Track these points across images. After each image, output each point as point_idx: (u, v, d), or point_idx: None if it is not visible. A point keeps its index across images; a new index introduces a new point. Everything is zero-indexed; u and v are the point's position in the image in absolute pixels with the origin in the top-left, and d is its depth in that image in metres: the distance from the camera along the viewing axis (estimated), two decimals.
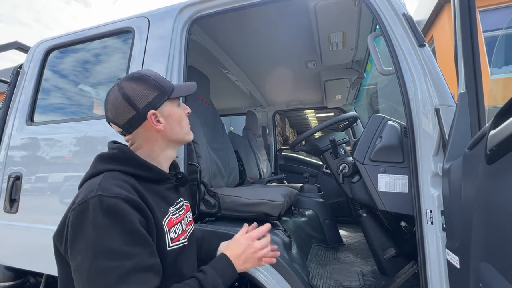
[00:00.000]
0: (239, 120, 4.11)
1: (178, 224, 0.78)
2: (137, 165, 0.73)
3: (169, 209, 0.76)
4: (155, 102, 0.74)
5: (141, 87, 0.74)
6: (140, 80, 0.75)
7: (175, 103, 0.81)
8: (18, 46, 1.80)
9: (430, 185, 0.92)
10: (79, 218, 0.61)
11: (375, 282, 1.28)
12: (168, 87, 0.78)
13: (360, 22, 1.62)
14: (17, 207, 1.41)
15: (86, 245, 0.59)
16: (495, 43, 5.31)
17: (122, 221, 0.60)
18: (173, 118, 0.78)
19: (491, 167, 0.57)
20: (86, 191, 0.64)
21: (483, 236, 0.61)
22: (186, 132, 0.84)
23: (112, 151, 0.74)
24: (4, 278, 1.47)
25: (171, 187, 0.81)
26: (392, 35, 1.03)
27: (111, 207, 0.60)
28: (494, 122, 0.53)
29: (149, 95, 0.74)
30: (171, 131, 0.78)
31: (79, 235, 0.60)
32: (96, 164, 0.73)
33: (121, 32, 1.47)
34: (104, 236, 0.59)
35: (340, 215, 2.41)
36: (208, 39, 1.84)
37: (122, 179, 0.67)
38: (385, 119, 1.21)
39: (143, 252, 0.62)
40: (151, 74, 0.78)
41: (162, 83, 0.78)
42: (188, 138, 0.86)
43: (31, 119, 1.55)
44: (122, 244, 0.59)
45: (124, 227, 0.60)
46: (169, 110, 0.78)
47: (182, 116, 0.82)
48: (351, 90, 2.60)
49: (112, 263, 0.58)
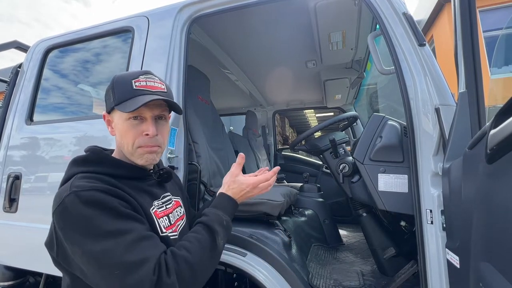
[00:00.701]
0: (239, 120, 4.10)
1: (165, 217, 0.76)
2: (110, 164, 0.72)
3: (153, 202, 0.76)
4: (108, 106, 0.75)
5: (109, 88, 0.75)
6: (112, 81, 0.75)
7: (125, 116, 0.71)
8: (17, 45, 1.79)
9: (430, 184, 0.92)
10: (62, 219, 0.61)
11: (375, 282, 1.28)
12: (120, 95, 0.71)
13: (360, 22, 1.62)
14: (17, 207, 1.41)
15: (80, 239, 0.59)
16: (494, 43, 5.31)
17: (105, 207, 0.60)
18: (117, 129, 0.74)
19: (492, 167, 0.56)
20: (60, 194, 0.63)
21: (484, 236, 0.61)
22: (129, 151, 0.73)
23: (86, 154, 0.74)
24: (3, 277, 1.47)
25: (153, 183, 0.80)
26: (392, 35, 1.03)
27: (89, 199, 0.60)
28: (494, 121, 0.53)
29: (109, 98, 0.75)
30: (117, 141, 0.76)
31: (68, 233, 0.60)
32: (70, 168, 0.72)
33: (120, 32, 1.47)
34: (95, 223, 0.59)
35: (340, 215, 2.41)
36: (208, 39, 1.84)
37: (95, 177, 0.66)
38: (385, 119, 1.21)
39: (138, 226, 0.63)
40: (120, 76, 0.75)
41: (118, 88, 0.72)
42: (131, 159, 0.74)
43: (30, 119, 1.54)
44: (115, 223, 0.60)
45: (110, 211, 0.61)
46: (116, 119, 0.74)
47: (126, 131, 0.72)
48: (351, 89, 2.60)
49: (112, 240, 0.58)
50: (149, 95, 0.71)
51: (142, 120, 0.73)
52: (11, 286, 1.48)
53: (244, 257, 1.08)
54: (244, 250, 1.09)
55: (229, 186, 0.83)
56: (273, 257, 1.08)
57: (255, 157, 2.66)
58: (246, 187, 0.82)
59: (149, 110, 0.72)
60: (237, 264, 1.07)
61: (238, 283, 1.30)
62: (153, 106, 0.73)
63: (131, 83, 0.71)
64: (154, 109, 0.73)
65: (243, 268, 1.07)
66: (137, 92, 0.71)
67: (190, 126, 1.45)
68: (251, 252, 1.10)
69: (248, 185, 0.82)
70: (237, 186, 0.82)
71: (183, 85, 1.28)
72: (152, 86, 0.74)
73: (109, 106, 0.74)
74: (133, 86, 0.71)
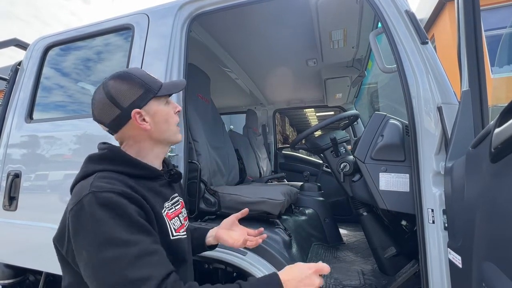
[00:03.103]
0: (239, 119, 4.10)
1: (176, 218, 0.79)
2: (127, 163, 0.72)
3: (165, 204, 0.77)
4: (140, 100, 0.73)
5: (126, 85, 0.73)
6: (124, 78, 0.74)
7: (163, 101, 0.78)
8: (17, 43, 1.78)
9: (432, 184, 0.91)
10: (77, 218, 0.61)
11: (375, 281, 1.27)
12: (154, 85, 0.76)
13: (361, 20, 1.61)
14: (16, 205, 1.41)
15: (89, 241, 0.59)
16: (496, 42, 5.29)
17: (119, 213, 0.60)
18: (159, 116, 0.76)
19: (496, 166, 0.56)
20: (79, 192, 0.63)
21: (487, 235, 0.60)
22: (174, 132, 0.81)
23: (102, 151, 0.74)
24: (3, 276, 1.47)
25: (164, 183, 0.81)
26: (394, 33, 1.02)
27: (106, 201, 0.60)
28: (499, 120, 0.52)
29: (134, 94, 0.73)
30: (158, 130, 0.77)
31: (80, 233, 0.60)
32: (87, 165, 0.72)
33: (120, 29, 1.46)
34: (104, 228, 0.59)
35: (341, 214, 2.40)
36: (208, 37, 1.83)
37: (114, 178, 0.67)
38: (386, 118, 1.20)
39: (146, 239, 0.62)
40: (136, 72, 0.76)
41: (147, 81, 0.75)
42: (175, 139, 0.82)
43: (30, 117, 1.54)
44: (124, 234, 0.59)
45: (122, 218, 0.60)
46: (155, 108, 0.75)
47: (170, 114, 0.79)
48: (352, 88, 2.59)
49: (117, 251, 0.57)
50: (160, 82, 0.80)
51: (169, 103, 0.81)
52: (11, 284, 1.48)
53: (244, 256, 1.08)
54: (244, 249, 1.09)
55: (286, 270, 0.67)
56: (273, 256, 1.08)
57: (256, 156, 2.66)
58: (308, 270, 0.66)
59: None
60: (237, 263, 1.07)
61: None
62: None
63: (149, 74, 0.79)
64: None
65: (243, 267, 1.06)
66: (159, 81, 0.80)
67: (190, 125, 1.45)
68: (251, 251, 1.09)
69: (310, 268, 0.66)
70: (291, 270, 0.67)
71: None
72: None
73: (144, 98, 0.73)
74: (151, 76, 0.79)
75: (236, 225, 0.94)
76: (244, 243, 0.88)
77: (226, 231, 0.92)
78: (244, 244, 0.88)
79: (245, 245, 0.88)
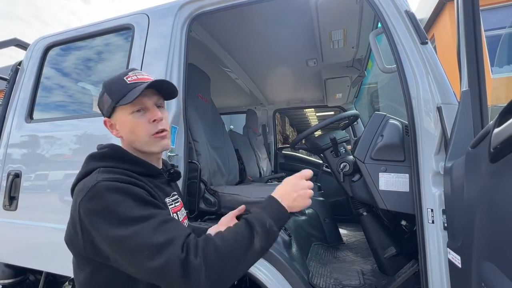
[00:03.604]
0: (239, 119, 4.10)
1: (175, 214, 0.80)
2: (128, 161, 0.75)
3: (166, 200, 0.79)
4: (108, 109, 0.75)
5: (102, 93, 0.77)
6: (103, 86, 0.77)
7: (129, 110, 0.73)
8: (17, 43, 1.79)
9: (432, 184, 0.91)
10: (91, 205, 0.63)
11: (375, 281, 1.27)
12: (117, 94, 0.73)
13: (361, 20, 1.61)
14: (16, 205, 1.41)
15: (110, 224, 0.61)
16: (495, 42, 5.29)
17: (130, 194, 0.63)
18: (124, 126, 0.75)
19: (495, 166, 0.56)
20: (85, 186, 0.65)
21: (486, 235, 0.61)
22: (145, 142, 0.75)
23: (103, 150, 0.76)
24: (3, 275, 1.47)
25: (164, 181, 0.84)
26: (394, 33, 1.02)
27: (115, 187, 0.63)
28: (498, 120, 0.52)
29: (105, 103, 0.76)
30: (127, 139, 0.77)
31: (99, 220, 0.62)
32: (88, 163, 0.73)
33: (121, 29, 1.46)
34: (121, 208, 0.61)
35: (340, 214, 2.40)
36: (208, 37, 1.83)
37: (117, 172, 0.69)
38: (386, 118, 1.20)
39: (162, 211, 0.66)
40: (111, 80, 0.77)
41: (115, 89, 0.74)
42: (148, 150, 0.77)
43: (30, 117, 1.54)
44: (140, 210, 0.62)
45: (135, 197, 0.63)
46: (119, 117, 0.75)
47: (138, 124, 0.74)
48: (352, 88, 2.59)
49: (138, 224, 0.60)
50: (144, 84, 0.74)
51: (145, 111, 0.76)
52: (11, 284, 1.48)
53: None
54: None
55: (277, 189, 0.75)
56: (273, 256, 1.08)
57: (255, 156, 2.66)
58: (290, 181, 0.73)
59: (148, 98, 0.75)
60: None
61: (238, 282, 1.29)
62: (151, 94, 0.76)
63: (124, 80, 0.74)
64: (152, 97, 0.77)
65: None
66: (132, 85, 0.73)
67: (190, 125, 1.45)
68: None
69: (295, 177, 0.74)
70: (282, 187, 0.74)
71: (183, 83, 1.28)
72: (143, 78, 0.77)
73: (109, 108, 0.75)
74: (127, 81, 0.74)
75: (234, 221, 0.94)
76: None
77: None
78: None
79: None
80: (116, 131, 0.78)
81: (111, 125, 0.78)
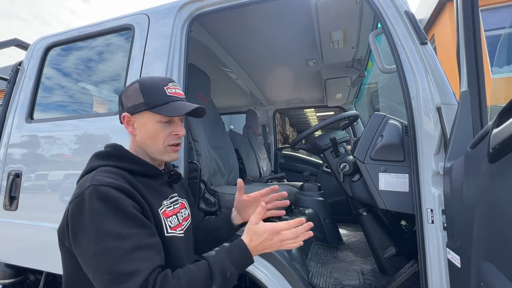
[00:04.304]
0: (239, 119, 4.10)
1: (174, 216, 0.81)
2: (129, 160, 0.78)
3: (163, 202, 0.80)
4: (134, 107, 0.78)
5: (133, 91, 0.79)
6: (138, 83, 0.80)
7: (158, 118, 0.77)
8: (17, 43, 1.79)
9: (431, 184, 0.92)
10: (77, 209, 0.65)
11: (375, 281, 1.28)
12: (156, 99, 0.76)
13: (361, 20, 1.61)
14: (17, 205, 1.41)
15: (87, 232, 0.63)
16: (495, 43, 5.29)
17: (116, 206, 0.64)
18: (145, 129, 0.79)
19: (494, 166, 0.56)
20: (82, 184, 0.69)
21: (485, 235, 0.61)
22: (159, 150, 0.79)
23: (107, 149, 0.80)
24: (4, 275, 1.47)
25: (164, 183, 0.86)
26: (394, 33, 1.02)
27: (104, 194, 0.64)
28: (497, 120, 0.52)
29: (133, 100, 0.78)
30: (142, 141, 0.80)
31: (79, 224, 0.64)
32: (92, 161, 0.77)
33: (121, 29, 1.46)
34: (101, 221, 0.63)
35: (340, 214, 2.41)
36: (208, 37, 1.83)
37: (115, 172, 0.72)
38: (386, 118, 1.20)
39: (141, 232, 0.65)
40: (150, 81, 0.80)
41: (152, 93, 0.77)
42: (160, 157, 0.81)
43: (30, 117, 1.54)
44: (119, 227, 0.63)
45: (118, 212, 0.64)
46: (144, 120, 0.78)
47: (160, 132, 0.78)
48: (352, 88, 2.60)
49: (112, 243, 0.61)
50: (180, 101, 0.80)
51: (171, 123, 0.80)
52: (12, 284, 1.48)
53: None
54: None
55: (248, 233, 0.73)
56: (273, 256, 1.08)
57: (256, 156, 2.66)
58: (264, 233, 0.70)
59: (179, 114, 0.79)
60: None
61: (238, 282, 1.30)
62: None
63: (164, 89, 0.78)
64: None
65: None
66: (171, 98, 0.78)
67: (190, 125, 1.45)
68: None
69: (266, 231, 0.71)
70: (254, 234, 0.72)
71: (183, 83, 1.28)
72: (179, 93, 0.82)
73: (137, 107, 0.77)
74: (167, 92, 0.78)
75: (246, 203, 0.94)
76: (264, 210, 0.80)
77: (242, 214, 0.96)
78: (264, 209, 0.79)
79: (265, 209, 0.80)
80: (133, 128, 0.80)
81: (129, 121, 0.80)
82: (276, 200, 0.90)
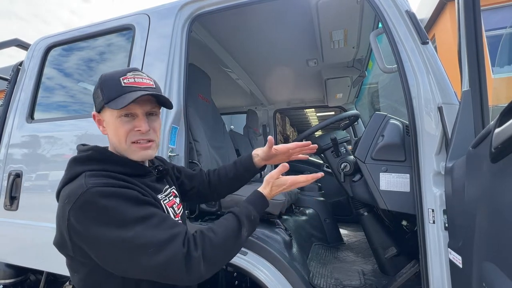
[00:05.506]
0: (239, 119, 4.10)
1: (171, 208, 0.81)
2: (115, 162, 0.73)
3: (158, 196, 0.79)
4: (98, 105, 0.74)
5: (96, 87, 0.75)
6: (99, 79, 0.75)
7: (115, 113, 0.71)
8: (18, 43, 1.79)
9: (432, 184, 0.91)
10: (83, 213, 0.61)
11: (375, 281, 1.27)
12: (110, 93, 0.70)
13: (362, 20, 1.61)
14: (17, 205, 1.41)
15: (105, 229, 0.60)
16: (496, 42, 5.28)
17: (125, 197, 0.64)
18: (109, 127, 0.74)
19: (496, 166, 0.56)
20: (73, 192, 0.62)
21: (487, 235, 0.60)
22: (123, 148, 0.73)
23: (87, 152, 0.73)
24: (4, 275, 1.47)
25: (154, 179, 0.82)
26: (394, 33, 1.02)
27: (107, 192, 0.62)
28: (499, 120, 0.52)
29: (96, 96, 0.74)
30: (110, 140, 0.76)
31: (93, 226, 0.61)
32: (72, 167, 0.70)
33: (121, 29, 1.46)
34: (118, 212, 0.61)
35: (341, 214, 2.40)
36: (209, 37, 1.83)
37: (105, 175, 0.67)
38: (387, 118, 1.20)
39: (158, 210, 0.68)
40: (108, 74, 0.74)
41: (106, 87, 0.71)
42: (128, 157, 0.74)
43: (31, 117, 1.54)
44: (138, 211, 0.63)
45: (130, 200, 0.64)
46: (107, 118, 0.74)
47: (118, 130, 0.72)
48: (353, 88, 2.59)
49: (140, 225, 0.62)
50: (138, 91, 0.71)
51: (134, 117, 0.73)
52: (12, 284, 1.48)
53: (245, 256, 1.08)
54: (245, 249, 1.09)
55: (268, 184, 0.87)
56: (274, 256, 1.08)
57: None
58: (284, 185, 0.86)
59: (139, 106, 0.72)
60: (238, 263, 1.07)
61: (238, 282, 1.29)
62: (144, 102, 0.73)
63: (120, 80, 0.71)
64: (144, 105, 0.73)
65: (243, 267, 1.07)
66: (126, 89, 0.70)
67: (191, 125, 1.45)
68: (252, 251, 1.09)
69: (285, 183, 0.86)
70: (274, 186, 0.87)
71: (184, 83, 1.28)
72: (141, 83, 0.73)
73: (99, 105, 0.73)
74: (122, 83, 0.71)
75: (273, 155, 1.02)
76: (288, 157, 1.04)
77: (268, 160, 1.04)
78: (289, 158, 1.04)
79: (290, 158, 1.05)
80: (103, 128, 0.77)
81: (99, 120, 0.77)
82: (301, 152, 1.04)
